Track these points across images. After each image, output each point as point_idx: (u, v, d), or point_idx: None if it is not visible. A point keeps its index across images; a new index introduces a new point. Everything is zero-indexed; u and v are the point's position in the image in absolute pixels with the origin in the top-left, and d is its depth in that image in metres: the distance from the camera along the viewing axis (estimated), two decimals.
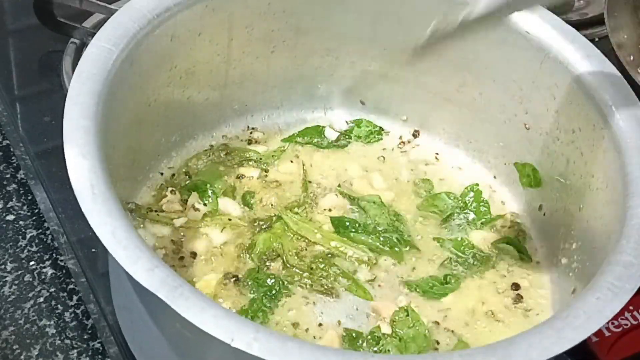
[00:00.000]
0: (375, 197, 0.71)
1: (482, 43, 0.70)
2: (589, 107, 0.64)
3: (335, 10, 0.72)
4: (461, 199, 0.73)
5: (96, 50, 0.58)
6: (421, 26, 0.71)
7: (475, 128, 0.75)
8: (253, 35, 0.71)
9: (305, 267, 0.66)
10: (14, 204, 0.75)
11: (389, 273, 0.67)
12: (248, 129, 0.76)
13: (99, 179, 0.51)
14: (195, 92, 0.71)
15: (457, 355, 0.48)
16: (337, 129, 0.78)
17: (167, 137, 0.71)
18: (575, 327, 0.49)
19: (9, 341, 0.65)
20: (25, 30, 0.91)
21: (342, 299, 0.65)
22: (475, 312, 0.65)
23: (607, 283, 0.52)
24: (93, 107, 0.55)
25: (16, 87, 0.86)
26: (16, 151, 0.78)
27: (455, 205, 0.72)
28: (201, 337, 0.47)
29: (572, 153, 0.66)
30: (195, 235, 0.67)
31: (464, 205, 0.72)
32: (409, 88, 0.76)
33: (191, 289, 0.47)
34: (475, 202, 0.73)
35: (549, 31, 0.67)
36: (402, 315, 0.63)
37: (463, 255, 0.68)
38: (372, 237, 0.68)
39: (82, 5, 0.85)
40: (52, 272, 0.70)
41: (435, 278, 0.67)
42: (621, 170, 0.59)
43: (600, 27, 0.91)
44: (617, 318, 0.66)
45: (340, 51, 0.75)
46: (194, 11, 0.65)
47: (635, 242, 0.54)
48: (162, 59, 0.65)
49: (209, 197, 0.69)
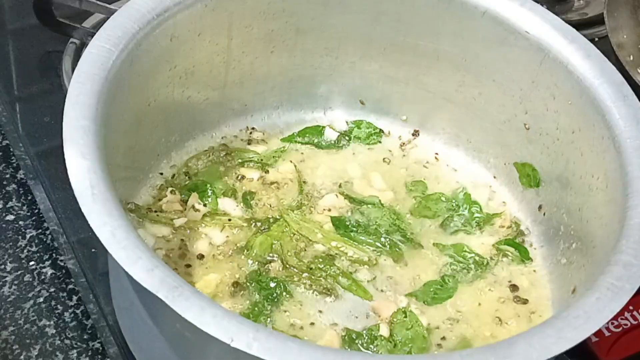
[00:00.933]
0: (375, 199, 0.71)
1: (482, 43, 0.70)
2: (589, 107, 0.64)
3: (335, 10, 0.72)
4: (453, 200, 0.72)
5: (96, 51, 0.58)
6: (421, 26, 0.72)
7: (475, 128, 0.75)
8: (253, 35, 0.71)
9: (305, 267, 0.66)
10: (14, 204, 0.75)
11: (389, 273, 0.67)
12: (248, 129, 0.76)
13: (99, 179, 0.51)
14: (195, 92, 0.71)
15: (457, 356, 0.48)
16: (337, 129, 0.78)
17: (167, 137, 0.71)
18: (575, 327, 0.49)
19: (9, 341, 0.65)
20: (25, 30, 0.91)
21: (342, 299, 0.65)
22: (475, 313, 0.65)
23: (607, 283, 0.52)
24: (93, 107, 0.55)
25: (16, 87, 0.86)
26: (16, 151, 0.78)
27: (448, 207, 0.72)
28: (201, 337, 0.47)
29: (572, 153, 0.66)
30: (195, 236, 0.67)
31: (456, 207, 0.72)
32: (409, 88, 0.76)
33: (191, 289, 0.47)
34: (466, 203, 0.73)
35: (549, 31, 0.67)
36: (401, 317, 0.63)
37: (464, 260, 0.68)
38: (373, 238, 0.68)
39: (82, 5, 0.85)
40: (52, 272, 0.70)
41: (435, 282, 0.66)
42: (621, 170, 0.59)
43: (600, 27, 0.91)
44: (617, 318, 0.66)
45: (340, 51, 0.75)
46: (194, 11, 0.65)
47: (635, 242, 0.54)
48: (162, 59, 0.65)
49: (209, 198, 0.69)
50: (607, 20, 0.84)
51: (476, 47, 0.71)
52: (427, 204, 0.72)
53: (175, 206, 0.68)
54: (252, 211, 0.70)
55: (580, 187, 0.65)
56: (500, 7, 0.68)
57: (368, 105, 0.78)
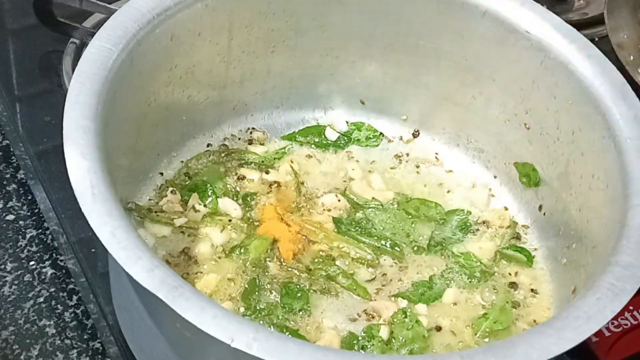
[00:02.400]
0: (376, 202, 0.71)
1: (482, 43, 0.70)
2: (589, 107, 0.64)
3: (335, 10, 0.72)
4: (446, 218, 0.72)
5: (96, 50, 0.58)
6: (421, 26, 0.72)
7: (475, 128, 0.75)
8: (253, 35, 0.71)
9: (304, 267, 0.66)
10: (14, 204, 0.75)
11: (390, 273, 0.67)
12: (248, 129, 0.76)
13: (99, 179, 0.51)
14: (195, 92, 0.71)
15: (457, 356, 0.48)
16: (337, 129, 0.78)
17: (167, 137, 0.71)
18: (576, 327, 0.49)
19: (9, 341, 0.65)
20: (25, 30, 0.91)
21: (342, 299, 0.65)
22: (475, 313, 0.65)
23: (607, 283, 0.52)
24: (93, 107, 0.55)
25: (16, 87, 0.86)
26: (16, 151, 0.78)
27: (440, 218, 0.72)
28: (201, 338, 0.47)
29: (572, 153, 0.66)
30: (196, 236, 0.67)
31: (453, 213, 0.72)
32: (409, 88, 0.76)
33: (191, 289, 0.47)
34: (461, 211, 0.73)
35: (550, 31, 0.67)
36: (401, 317, 0.63)
37: (465, 265, 0.68)
38: (374, 238, 0.68)
39: (82, 5, 0.85)
40: (52, 272, 0.70)
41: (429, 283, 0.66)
42: (621, 170, 0.59)
43: (600, 27, 0.91)
44: (617, 318, 0.66)
45: (340, 51, 0.75)
46: (194, 11, 0.65)
47: (635, 242, 0.54)
48: (162, 59, 0.65)
49: (209, 198, 0.69)
50: (607, 20, 0.84)
51: (476, 47, 0.71)
52: (427, 206, 0.72)
53: (175, 206, 0.68)
54: (253, 211, 0.70)
55: (580, 187, 0.65)
56: (501, 7, 0.68)
57: (368, 104, 0.78)
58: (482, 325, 0.64)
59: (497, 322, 0.64)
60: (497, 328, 0.64)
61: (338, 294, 0.65)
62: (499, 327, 0.64)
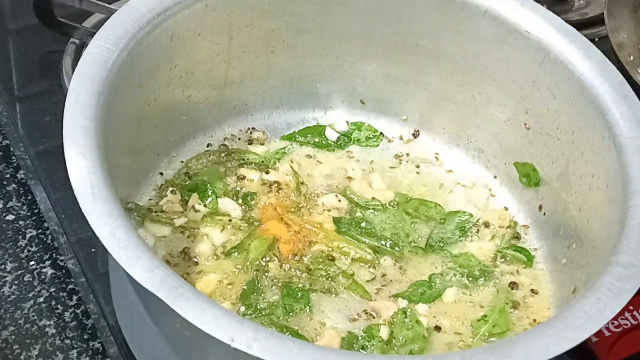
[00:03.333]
0: (376, 202, 0.71)
1: (482, 43, 0.70)
2: (589, 107, 0.64)
3: (335, 10, 0.72)
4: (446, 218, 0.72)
5: (96, 50, 0.58)
6: (421, 26, 0.72)
7: (475, 128, 0.75)
8: (253, 35, 0.71)
9: (304, 267, 0.66)
10: (14, 204, 0.75)
11: (390, 273, 0.67)
12: (248, 129, 0.76)
13: (99, 179, 0.51)
14: (195, 92, 0.71)
15: (457, 356, 0.48)
16: (337, 129, 0.78)
17: (167, 137, 0.71)
18: (576, 327, 0.49)
19: (9, 341, 0.65)
20: (25, 30, 0.91)
21: (342, 299, 0.65)
22: (475, 313, 0.65)
23: (607, 283, 0.52)
24: (93, 107, 0.55)
25: (16, 87, 0.86)
26: (16, 151, 0.78)
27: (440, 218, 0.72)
28: (201, 338, 0.47)
29: (572, 153, 0.66)
30: (196, 236, 0.67)
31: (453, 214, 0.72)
32: (409, 88, 0.76)
33: (191, 289, 0.47)
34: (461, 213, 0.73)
35: (550, 31, 0.67)
36: (401, 317, 0.63)
37: (465, 265, 0.68)
38: (374, 238, 0.68)
39: (82, 5, 0.85)
40: (52, 272, 0.70)
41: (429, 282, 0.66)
42: (621, 170, 0.59)
43: (600, 27, 0.91)
44: (617, 318, 0.66)
45: (340, 51, 0.75)
46: (194, 11, 0.65)
47: (635, 242, 0.54)
48: (162, 59, 0.65)
49: (209, 198, 0.69)
50: (607, 20, 0.84)
51: (476, 46, 0.71)
52: (426, 206, 0.72)
53: (175, 206, 0.68)
54: (253, 211, 0.70)
55: (580, 187, 0.65)
56: (501, 7, 0.68)
57: (368, 104, 0.78)
58: (481, 328, 0.64)
59: (497, 326, 0.64)
60: (496, 332, 0.64)
61: (338, 294, 0.65)
62: (497, 331, 0.64)
